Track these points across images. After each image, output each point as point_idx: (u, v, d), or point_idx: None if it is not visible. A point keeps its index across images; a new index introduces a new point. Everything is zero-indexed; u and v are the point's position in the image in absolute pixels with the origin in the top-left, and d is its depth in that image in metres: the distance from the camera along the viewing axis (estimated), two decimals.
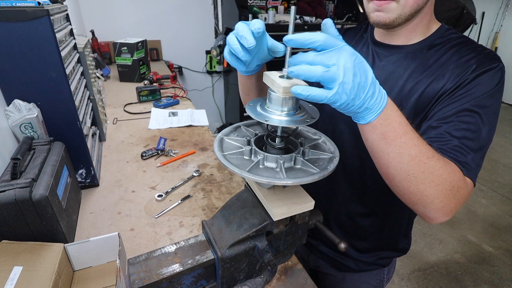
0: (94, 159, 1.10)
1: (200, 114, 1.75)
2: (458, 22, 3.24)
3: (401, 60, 0.72)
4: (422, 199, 0.54)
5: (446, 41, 0.69)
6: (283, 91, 0.48)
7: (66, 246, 0.66)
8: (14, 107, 0.82)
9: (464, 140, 0.58)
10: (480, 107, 0.59)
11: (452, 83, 0.63)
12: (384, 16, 0.65)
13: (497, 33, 5.57)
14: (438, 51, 0.68)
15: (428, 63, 0.68)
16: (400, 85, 0.70)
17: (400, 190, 0.56)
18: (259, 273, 0.68)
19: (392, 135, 0.49)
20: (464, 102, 0.60)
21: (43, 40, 0.79)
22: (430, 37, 0.71)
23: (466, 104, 0.60)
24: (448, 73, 0.64)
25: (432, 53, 0.69)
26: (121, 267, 0.53)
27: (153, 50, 3.04)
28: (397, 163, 0.51)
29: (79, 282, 0.69)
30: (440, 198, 0.53)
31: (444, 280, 2.12)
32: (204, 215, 0.97)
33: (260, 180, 0.50)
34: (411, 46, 0.72)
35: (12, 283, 0.55)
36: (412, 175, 0.51)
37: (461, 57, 0.65)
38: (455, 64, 0.64)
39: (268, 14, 2.88)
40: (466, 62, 0.63)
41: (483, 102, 0.59)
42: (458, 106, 0.60)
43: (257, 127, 0.69)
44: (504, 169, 3.50)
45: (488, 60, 0.62)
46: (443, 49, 0.68)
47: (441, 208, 0.54)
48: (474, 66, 0.62)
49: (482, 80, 0.60)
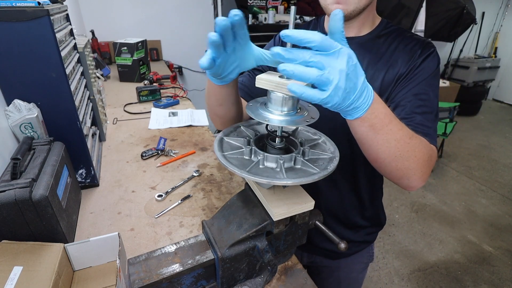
0: (94, 159, 1.10)
1: (200, 114, 1.75)
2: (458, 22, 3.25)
3: (356, 50, 0.76)
4: (407, 173, 0.62)
5: (389, 32, 0.79)
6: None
7: (66, 246, 0.66)
8: (14, 107, 0.82)
9: (425, 115, 0.68)
10: (429, 86, 0.71)
11: (404, 68, 0.73)
12: (342, 7, 0.70)
13: (497, 33, 5.57)
14: (386, 41, 0.78)
15: (380, 51, 0.77)
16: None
17: (388, 169, 0.62)
18: (259, 273, 0.68)
19: (379, 125, 0.53)
20: (417, 83, 0.71)
21: (43, 40, 0.79)
22: (376, 29, 0.80)
23: (420, 85, 0.71)
24: (400, 59, 0.74)
25: (381, 42, 0.78)
26: (121, 267, 0.53)
27: (153, 50, 3.04)
28: (386, 148, 0.56)
29: (79, 282, 0.69)
30: (420, 169, 0.61)
31: (444, 280, 2.12)
32: (204, 215, 0.97)
33: (260, 180, 0.50)
34: (362, 37, 0.79)
35: (12, 283, 0.55)
36: (399, 155, 0.58)
37: (406, 44, 0.75)
38: (403, 52, 0.75)
39: (268, 14, 2.88)
40: (411, 49, 0.74)
41: (431, 81, 0.71)
42: (414, 87, 0.71)
43: (257, 127, 0.69)
44: (504, 169, 3.50)
45: (427, 46, 0.74)
46: (389, 39, 0.78)
47: (421, 176, 0.63)
48: (419, 51, 0.73)
49: (427, 63, 0.72)
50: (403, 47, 0.75)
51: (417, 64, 0.72)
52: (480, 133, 4.45)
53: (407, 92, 0.71)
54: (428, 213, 2.77)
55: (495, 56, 5.55)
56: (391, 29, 0.79)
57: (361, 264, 1.06)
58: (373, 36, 0.79)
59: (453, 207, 2.86)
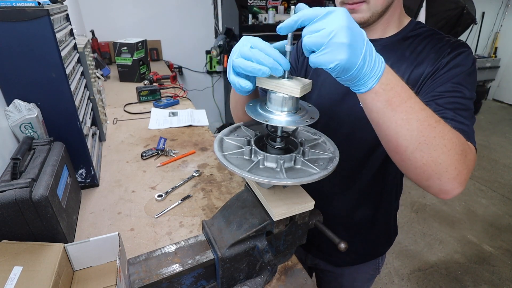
0: (94, 159, 1.10)
1: (200, 114, 1.75)
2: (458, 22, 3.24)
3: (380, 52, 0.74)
4: (436, 169, 0.50)
5: (418, 34, 0.74)
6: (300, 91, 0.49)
7: (66, 246, 0.66)
8: (14, 107, 0.82)
9: (458, 111, 0.60)
10: (462, 84, 0.63)
11: (431, 67, 0.68)
12: (358, 16, 0.69)
13: (497, 33, 5.57)
14: (413, 43, 0.73)
15: (406, 53, 0.73)
16: None
17: (413, 164, 0.52)
18: (259, 273, 0.68)
19: (397, 100, 0.47)
20: (447, 81, 0.64)
21: (43, 40, 0.79)
22: (403, 30, 0.76)
23: (449, 83, 0.63)
24: (426, 59, 0.69)
25: (407, 44, 0.73)
26: (121, 267, 0.53)
27: (153, 50, 3.04)
28: (407, 130, 0.48)
29: (79, 282, 0.69)
30: (454, 164, 0.50)
31: (444, 280, 2.12)
32: (204, 215, 0.97)
33: (260, 180, 0.50)
34: (387, 39, 0.76)
35: (12, 283, 0.55)
36: (424, 142, 0.48)
37: (435, 45, 0.70)
38: (431, 51, 0.69)
39: (268, 14, 2.88)
40: (440, 48, 0.69)
41: (463, 79, 0.64)
42: (442, 85, 0.64)
43: (257, 127, 0.69)
44: (504, 169, 3.50)
45: (460, 45, 0.68)
46: (416, 41, 0.73)
47: (456, 176, 0.51)
48: (449, 50, 0.67)
49: (459, 60, 0.65)
50: (431, 47, 0.70)
51: (445, 61, 0.66)
52: (480, 133, 4.45)
53: (436, 90, 0.64)
54: (428, 213, 2.77)
55: (495, 56, 5.55)
56: (421, 31, 0.74)
57: (366, 275, 1.03)
58: (398, 38, 0.75)
59: (453, 207, 2.86)
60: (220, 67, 3.40)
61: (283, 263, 0.79)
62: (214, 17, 3.23)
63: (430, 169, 0.51)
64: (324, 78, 0.82)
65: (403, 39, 0.75)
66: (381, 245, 0.98)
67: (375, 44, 0.74)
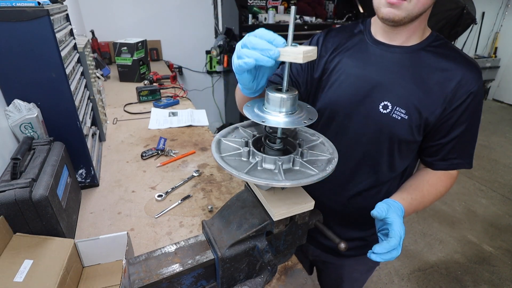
0: (94, 159, 1.10)
1: (200, 114, 1.75)
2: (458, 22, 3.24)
3: (403, 60, 0.77)
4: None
5: (439, 45, 0.78)
6: (303, 56, 0.46)
7: (76, 242, 0.67)
8: (14, 107, 0.82)
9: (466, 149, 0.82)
10: (473, 123, 0.77)
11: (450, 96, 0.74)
12: (396, 13, 0.70)
13: (497, 33, 5.57)
14: (434, 55, 0.76)
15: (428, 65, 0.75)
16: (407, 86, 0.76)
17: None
18: (259, 273, 0.68)
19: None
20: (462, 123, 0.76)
21: (43, 40, 0.79)
22: (425, 40, 0.78)
23: (463, 126, 0.76)
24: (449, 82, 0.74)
25: (430, 56, 0.76)
26: (127, 267, 0.54)
27: (153, 50, 3.04)
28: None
29: (87, 279, 0.70)
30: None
31: (444, 280, 2.12)
32: (204, 215, 0.97)
33: (258, 182, 0.50)
34: (409, 48, 0.77)
35: (22, 276, 0.57)
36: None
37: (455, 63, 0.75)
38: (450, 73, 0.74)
39: (268, 14, 2.88)
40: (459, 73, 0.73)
41: (475, 118, 0.77)
42: (457, 129, 0.77)
43: (255, 128, 0.69)
44: (504, 169, 3.50)
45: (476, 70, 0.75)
46: (437, 53, 0.76)
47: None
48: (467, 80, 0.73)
49: (475, 103, 0.75)
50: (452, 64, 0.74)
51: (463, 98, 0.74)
52: (480, 133, 4.40)
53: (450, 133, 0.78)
54: (428, 213, 2.77)
55: (495, 56, 5.55)
56: (440, 43, 0.78)
57: (365, 266, 1.06)
58: (420, 48, 0.77)
59: (453, 207, 2.86)
60: (220, 67, 3.40)
61: (283, 263, 0.79)
62: (214, 17, 3.23)
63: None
64: (346, 77, 0.82)
65: (423, 49, 0.77)
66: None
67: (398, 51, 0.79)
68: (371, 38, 0.82)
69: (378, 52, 0.80)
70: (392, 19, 0.71)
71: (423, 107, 0.74)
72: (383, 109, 0.77)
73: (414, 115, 0.75)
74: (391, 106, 0.76)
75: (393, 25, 0.74)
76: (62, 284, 0.59)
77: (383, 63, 0.78)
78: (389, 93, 0.77)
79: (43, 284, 0.57)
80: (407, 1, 0.68)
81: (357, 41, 0.84)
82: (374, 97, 0.78)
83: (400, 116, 0.76)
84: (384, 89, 0.77)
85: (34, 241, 0.65)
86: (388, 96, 0.77)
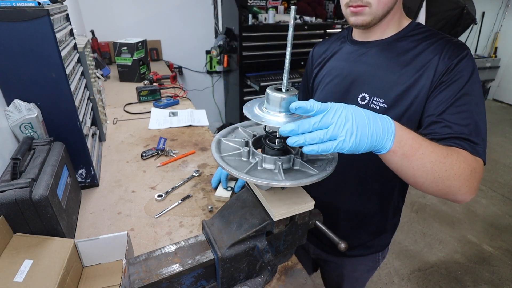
0: (94, 159, 1.10)
1: (200, 114, 1.75)
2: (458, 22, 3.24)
3: (379, 52, 0.80)
4: (451, 191, 0.60)
5: (417, 33, 0.77)
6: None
7: (76, 242, 0.67)
8: (14, 107, 0.82)
9: (469, 126, 0.65)
10: (471, 91, 0.67)
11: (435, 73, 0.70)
12: (361, 19, 0.74)
13: (497, 33, 5.57)
14: (411, 42, 0.76)
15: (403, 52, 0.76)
16: (383, 75, 0.77)
17: (430, 190, 0.61)
18: (259, 273, 0.68)
19: (411, 151, 0.54)
20: (454, 92, 0.67)
21: (43, 40, 0.79)
22: (402, 31, 0.79)
23: (458, 94, 0.67)
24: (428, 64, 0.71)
25: (405, 44, 0.77)
26: (127, 267, 0.54)
27: (153, 50, 3.04)
28: (422, 172, 0.56)
29: (87, 279, 0.70)
30: (465, 184, 0.59)
31: (444, 280, 2.12)
32: (204, 215, 0.97)
33: (258, 182, 0.50)
34: (383, 40, 0.80)
35: (22, 276, 0.57)
36: (438, 176, 0.57)
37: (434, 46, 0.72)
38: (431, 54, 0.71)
39: (268, 14, 2.88)
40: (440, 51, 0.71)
41: (472, 86, 0.68)
42: (450, 96, 0.67)
43: (254, 128, 0.69)
44: (504, 169, 3.50)
45: (460, 48, 0.70)
46: (415, 41, 0.76)
47: (467, 191, 0.60)
48: (449, 54, 0.69)
49: (461, 68, 0.68)
50: (431, 49, 0.72)
51: (449, 69, 0.68)
52: None
53: (444, 102, 0.68)
54: (428, 213, 2.77)
55: (495, 56, 5.55)
56: (420, 31, 0.77)
57: (365, 266, 1.06)
58: (395, 38, 0.78)
59: (453, 207, 2.86)
60: (220, 67, 3.40)
61: (283, 263, 0.79)
62: (214, 17, 3.23)
63: (445, 191, 0.60)
64: (330, 79, 0.89)
65: (401, 38, 0.78)
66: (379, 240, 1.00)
67: (375, 45, 0.80)
68: (350, 39, 0.88)
69: (355, 49, 0.85)
70: (360, 25, 0.76)
71: (403, 94, 0.74)
72: (361, 101, 0.80)
73: (394, 102, 0.75)
74: (369, 97, 0.79)
75: (364, 28, 0.78)
76: (62, 284, 0.59)
77: (361, 58, 0.82)
78: (365, 85, 0.80)
79: (43, 284, 0.57)
80: (368, 6, 0.72)
81: (340, 46, 0.91)
82: (353, 91, 0.82)
83: (378, 106, 0.77)
84: (361, 82, 0.81)
85: (34, 241, 0.65)
86: (364, 88, 0.80)
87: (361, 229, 0.96)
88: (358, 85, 0.81)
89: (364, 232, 0.97)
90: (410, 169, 0.56)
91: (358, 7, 0.73)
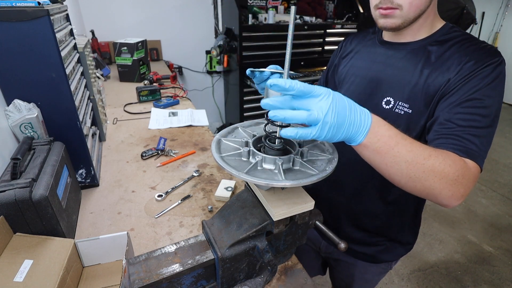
0: (94, 159, 1.10)
1: (200, 114, 1.75)
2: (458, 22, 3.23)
3: (408, 56, 0.77)
4: (430, 193, 0.58)
5: (449, 38, 0.73)
6: None
7: (76, 242, 0.67)
8: (14, 107, 0.82)
9: (470, 128, 0.62)
10: (483, 97, 0.64)
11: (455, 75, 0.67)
12: (390, 22, 0.71)
13: (497, 33, 5.57)
14: (442, 47, 0.73)
15: (431, 58, 0.73)
16: (410, 80, 0.75)
17: (408, 189, 0.59)
18: (259, 273, 0.68)
19: (384, 148, 0.52)
20: (468, 93, 0.64)
21: (43, 40, 0.79)
22: (434, 34, 0.75)
23: (471, 95, 0.64)
24: (453, 67, 0.68)
25: (436, 49, 0.73)
26: (127, 267, 0.54)
27: (153, 50, 3.04)
28: (396, 170, 0.55)
29: (87, 279, 0.70)
30: (447, 188, 0.56)
31: (444, 280, 2.12)
32: (204, 215, 0.97)
33: (258, 182, 0.50)
34: (416, 43, 0.77)
35: (22, 276, 0.57)
36: (414, 176, 0.55)
37: (465, 51, 0.69)
38: (459, 57, 0.69)
39: (268, 14, 2.88)
40: (468, 55, 0.67)
41: (485, 92, 0.64)
42: (462, 97, 0.65)
43: (254, 128, 0.69)
44: (504, 169, 3.50)
45: (489, 55, 0.66)
46: (446, 45, 0.72)
47: (451, 196, 0.57)
48: (474, 61, 0.66)
49: (483, 73, 0.64)
50: (460, 54, 0.69)
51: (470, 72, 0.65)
52: None
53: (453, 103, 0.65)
54: (428, 213, 2.77)
55: None
56: (453, 35, 0.74)
57: (377, 268, 1.05)
58: (428, 42, 0.75)
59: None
60: (220, 67, 3.40)
61: (283, 263, 0.79)
62: (214, 17, 3.23)
63: (425, 192, 0.58)
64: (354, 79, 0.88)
65: (431, 44, 0.75)
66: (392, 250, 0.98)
67: (404, 48, 0.79)
68: (379, 39, 0.85)
69: (383, 51, 0.82)
70: (389, 28, 0.73)
71: (429, 100, 0.71)
72: (386, 105, 0.78)
73: (419, 109, 0.73)
74: (394, 101, 0.77)
75: (394, 31, 0.76)
76: (62, 284, 0.59)
77: (388, 61, 0.80)
78: (391, 88, 0.77)
79: (43, 284, 0.57)
80: (399, 9, 0.69)
81: (369, 43, 0.88)
82: (378, 94, 0.80)
83: (403, 111, 0.75)
84: (387, 85, 0.78)
85: (34, 241, 0.65)
86: (390, 91, 0.77)
87: (380, 237, 0.95)
88: (383, 88, 0.79)
89: (382, 240, 0.96)
90: (383, 165, 0.55)
91: (389, 9, 0.69)
